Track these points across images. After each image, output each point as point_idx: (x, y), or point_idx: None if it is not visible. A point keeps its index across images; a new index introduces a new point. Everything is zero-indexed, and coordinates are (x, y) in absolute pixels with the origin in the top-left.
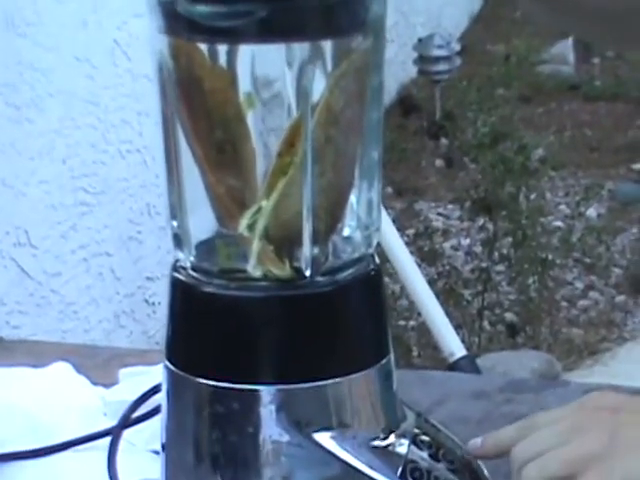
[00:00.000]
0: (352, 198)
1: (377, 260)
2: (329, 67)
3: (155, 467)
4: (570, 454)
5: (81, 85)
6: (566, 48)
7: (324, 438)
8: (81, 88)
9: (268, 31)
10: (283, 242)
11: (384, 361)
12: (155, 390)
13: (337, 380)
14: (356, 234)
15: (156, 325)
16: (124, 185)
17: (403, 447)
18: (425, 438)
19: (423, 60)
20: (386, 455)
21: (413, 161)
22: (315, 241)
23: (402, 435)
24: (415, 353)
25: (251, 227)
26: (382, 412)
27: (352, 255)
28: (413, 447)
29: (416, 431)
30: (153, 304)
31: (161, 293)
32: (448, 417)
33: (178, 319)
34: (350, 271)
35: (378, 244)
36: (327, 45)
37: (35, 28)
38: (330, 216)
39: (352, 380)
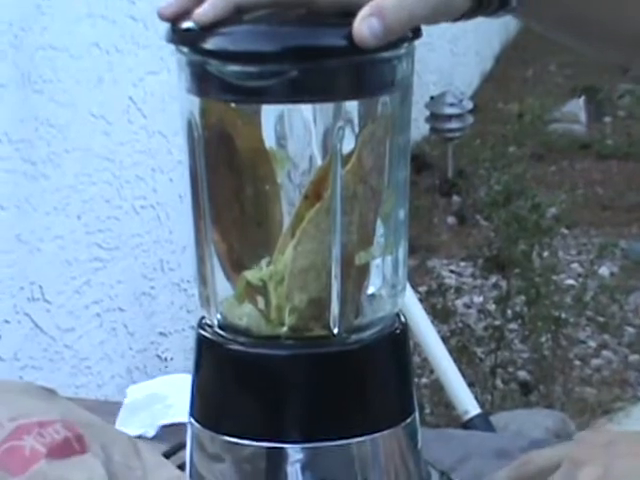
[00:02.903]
0: (379, 257)
1: (403, 318)
2: (356, 126)
3: None
4: None
5: (97, 141)
6: (577, 107)
7: None
8: (97, 144)
9: (298, 91)
10: (310, 297)
11: (409, 420)
12: (180, 446)
13: (363, 438)
14: (382, 292)
15: None
16: (138, 241)
17: None
18: None
19: (435, 118)
20: None
21: (425, 218)
22: (343, 298)
23: None
24: (428, 411)
25: (272, 277)
26: (407, 471)
27: (378, 313)
28: None
29: None
30: (165, 359)
31: (173, 348)
32: (470, 476)
33: (203, 376)
34: (376, 329)
35: None
36: (354, 104)
37: (52, 84)
38: (357, 273)
39: (378, 439)
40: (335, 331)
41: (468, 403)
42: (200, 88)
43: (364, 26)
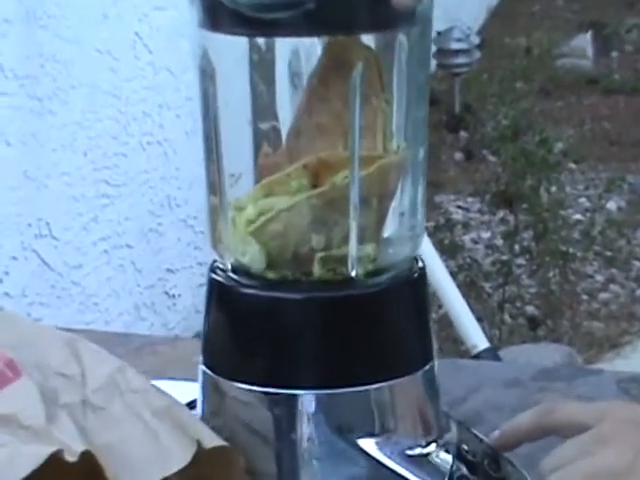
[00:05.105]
0: (398, 198)
1: (422, 263)
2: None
3: None
4: (591, 467)
5: (103, 77)
6: (585, 42)
7: (366, 444)
8: (103, 80)
9: (314, 24)
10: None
11: (427, 367)
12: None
13: (379, 385)
14: (401, 235)
15: (176, 317)
16: (145, 177)
17: (446, 458)
18: (468, 450)
19: (442, 53)
20: (428, 465)
21: (432, 154)
22: (361, 240)
23: (445, 446)
24: (436, 346)
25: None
26: (425, 420)
27: (397, 256)
28: (457, 460)
29: (460, 443)
30: (173, 296)
31: (181, 285)
32: (482, 405)
33: (215, 322)
34: (395, 273)
35: None
36: (372, 38)
37: (56, 20)
38: (376, 214)
39: (395, 386)
40: (353, 274)
41: (476, 338)
42: (212, 21)
43: None
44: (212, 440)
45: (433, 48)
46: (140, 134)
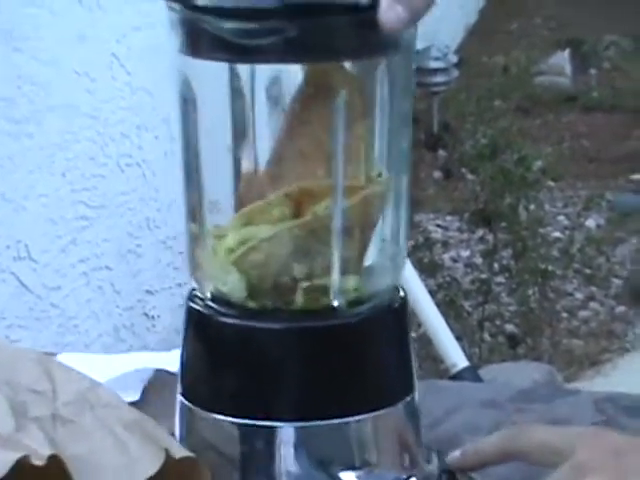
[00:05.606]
0: (380, 228)
1: (402, 292)
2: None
3: None
4: None
5: (80, 99)
6: (563, 59)
7: (346, 478)
8: (80, 102)
9: (296, 50)
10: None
11: (409, 398)
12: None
13: (360, 417)
14: (383, 264)
15: (155, 338)
16: (123, 199)
17: None
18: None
19: (420, 72)
20: None
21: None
22: (344, 270)
23: (426, 478)
24: (416, 365)
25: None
26: (406, 451)
27: (379, 286)
28: None
29: (441, 475)
30: (152, 317)
31: (160, 306)
32: (460, 427)
33: (193, 352)
34: (376, 302)
35: None
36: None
37: (33, 42)
38: (358, 244)
39: (376, 418)
40: (335, 304)
41: (456, 356)
42: (193, 47)
43: (391, 14)
44: (180, 451)
45: None
46: (118, 155)
